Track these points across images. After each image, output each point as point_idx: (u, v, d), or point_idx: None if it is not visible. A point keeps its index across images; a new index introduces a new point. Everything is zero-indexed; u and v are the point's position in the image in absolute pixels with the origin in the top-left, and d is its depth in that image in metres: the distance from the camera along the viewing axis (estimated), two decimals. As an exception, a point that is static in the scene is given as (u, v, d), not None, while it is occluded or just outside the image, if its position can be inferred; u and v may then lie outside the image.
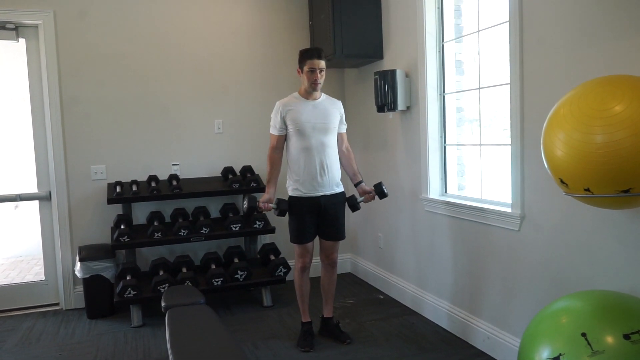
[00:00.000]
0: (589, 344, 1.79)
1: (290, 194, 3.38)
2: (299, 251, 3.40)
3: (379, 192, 3.44)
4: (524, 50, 2.72)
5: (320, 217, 3.37)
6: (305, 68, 3.24)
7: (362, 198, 3.46)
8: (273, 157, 3.35)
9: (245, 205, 3.24)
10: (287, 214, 3.38)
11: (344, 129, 3.48)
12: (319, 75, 3.24)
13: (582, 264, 2.48)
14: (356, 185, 3.52)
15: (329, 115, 3.34)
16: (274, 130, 3.33)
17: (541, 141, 2.03)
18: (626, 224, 2.24)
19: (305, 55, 3.24)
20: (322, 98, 3.36)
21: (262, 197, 3.32)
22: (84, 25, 4.21)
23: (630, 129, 1.73)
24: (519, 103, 2.76)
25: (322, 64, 3.24)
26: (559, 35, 2.51)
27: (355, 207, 3.43)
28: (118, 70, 4.31)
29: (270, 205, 3.29)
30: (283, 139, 3.34)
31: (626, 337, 1.77)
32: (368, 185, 3.52)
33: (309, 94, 3.30)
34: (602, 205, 2.00)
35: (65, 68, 4.18)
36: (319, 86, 3.29)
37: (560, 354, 1.83)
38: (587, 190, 1.87)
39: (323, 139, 3.31)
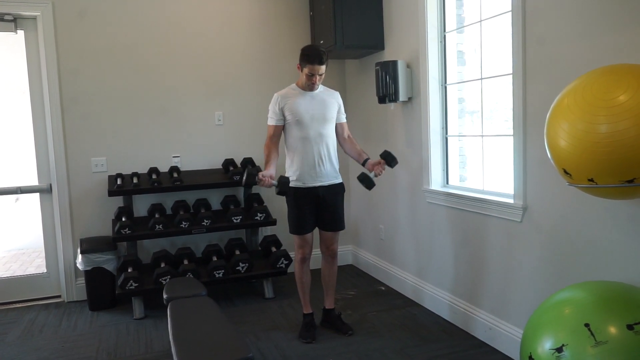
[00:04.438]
0: (592, 334, 1.79)
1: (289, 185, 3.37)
2: (299, 242, 3.40)
3: (388, 158, 3.29)
4: (526, 40, 2.70)
5: (319, 208, 3.37)
6: (305, 70, 3.22)
7: (373, 172, 3.27)
8: (270, 146, 3.31)
9: (244, 178, 3.09)
10: (286, 197, 3.31)
11: (343, 119, 3.47)
12: (317, 79, 3.24)
13: (584, 255, 2.47)
14: (364, 163, 3.39)
15: (327, 106, 3.34)
16: (272, 120, 3.32)
17: (544, 131, 2.02)
18: (630, 214, 2.24)
19: (306, 59, 3.20)
20: (320, 89, 3.36)
21: (263, 172, 3.16)
22: (82, 17, 4.18)
23: (634, 118, 1.72)
24: (522, 93, 2.74)
25: (322, 69, 3.21)
26: (562, 25, 2.49)
27: (370, 183, 3.21)
28: (118, 62, 4.29)
29: (271, 181, 3.13)
30: (280, 129, 3.33)
31: (629, 327, 1.77)
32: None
33: (306, 87, 3.30)
34: (606, 196, 2.00)
35: (65, 60, 4.15)
36: (316, 87, 3.30)
37: (563, 345, 1.83)
38: (591, 180, 1.87)
39: (321, 129, 3.31)
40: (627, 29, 2.17)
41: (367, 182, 3.22)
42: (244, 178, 3.08)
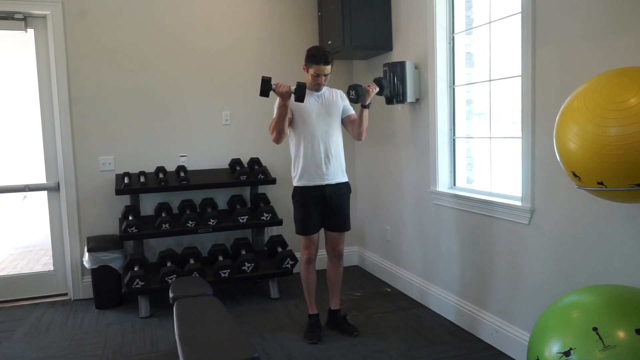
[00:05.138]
0: (600, 338, 1.78)
1: (295, 184, 3.38)
2: (305, 242, 3.40)
3: (378, 81, 3.44)
4: (536, 42, 2.68)
5: (325, 208, 3.37)
6: (311, 71, 3.23)
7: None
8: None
9: (261, 86, 3.06)
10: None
11: (352, 111, 3.47)
12: (323, 79, 3.25)
13: (593, 258, 2.46)
14: (362, 106, 3.36)
15: (333, 104, 3.36)
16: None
17: (554, 134, 2.01)
18: (639, 218, 2.22)
19: (312, 59, 3.21)
20: (324, 89, 3.38)
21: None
22: (92, 16, 4.20)
23: (645, 121, 1.71)
24: (531, 95, 2.73)
25: (328, 69, 3.22)
26: (572, 27, 2.47)
27: (359, 89, 3.26)
28: (127, 61, 4.31)
29: (289, 85, 3.11)
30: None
31: (638, 332, 1.76)
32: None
33: (312, 87, 3.31)
34: (616, 199, 1.98)
35: (74, 59, 4.17)
36: (322, 87, 3.31)
37: (571, 349, 1.82)
38: (601, 183, 1.85)
39: (327, 127, 3.32)
40: (638, 30, 2.15)
41: (357, 88, 3.27)
42: (260, 86, 3.03)
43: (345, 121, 3.45)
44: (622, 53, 2.22)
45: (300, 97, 3.11)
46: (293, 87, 3.11)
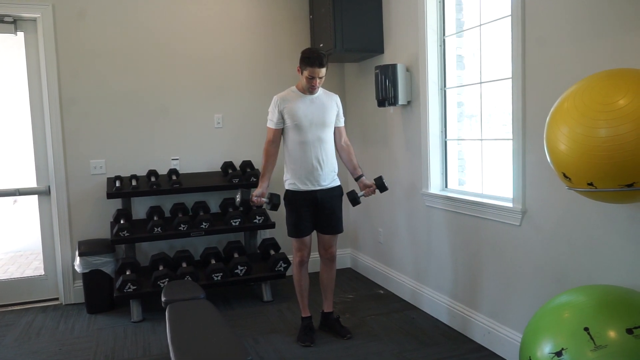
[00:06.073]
0: (591, 338, 1.79)
1: (286, 187, 3.38)
2: (297, 245, 3.40)
3: (380, 185, 3.41)
4: (526, 44, 2.70)
5: (317, 211, 3.37)
6: (305, 73, 3.20)
7: (362, 192, 3.43)
8: (269, 150, 3.34)
9: (237, 199, 3.31)
10: (279, 207, 3.40)
11: (341, 123, 3.47)
12: (317, 82, 3.23)
13: (584, 259, 2.47)
14: (357, 179, 3.49)
15: (326, 110, 3.34)
16: (271, 124, 3.32)
17: (544, 135, 2.02)
18: (629, 218, 2.24)
19: (307, 62, 3.17)
20: (319, 93, 3.35)
21: (255, 191, 3.33)
22: (82, 19, 4.18)
23: (634, 122, 1.73)
24: (521, 97, 2.74)
25: (323, 72, 3.20)
26: (562, 29, 2.50)
27: (355, 201, 3.40)
28: (117, 64, 4.29)
29: (263, 199, 3.30)
30: (280, 132, 3.34)
31: (629, 331, 1.77)
32: (368, 179, 3.49)
33: (306, 89, 3.30)
34: (606, 200, 2.00)
35: (64, 62, 4.15)
36: (316, 90, 3.29)
37: (562, 349, 1.83)
38: (591, 184, 1.87)
39: (320, 133, 3.30)
40: (629, 32, 2.17)
41: (354, 202, 3.41)
42: (238, 199, 3.30)
43: (334, 130, 3.44)
44: (611, 55, 2.24)
45: (274, 207, 3.36)
46: (266, 199, 3.33)
